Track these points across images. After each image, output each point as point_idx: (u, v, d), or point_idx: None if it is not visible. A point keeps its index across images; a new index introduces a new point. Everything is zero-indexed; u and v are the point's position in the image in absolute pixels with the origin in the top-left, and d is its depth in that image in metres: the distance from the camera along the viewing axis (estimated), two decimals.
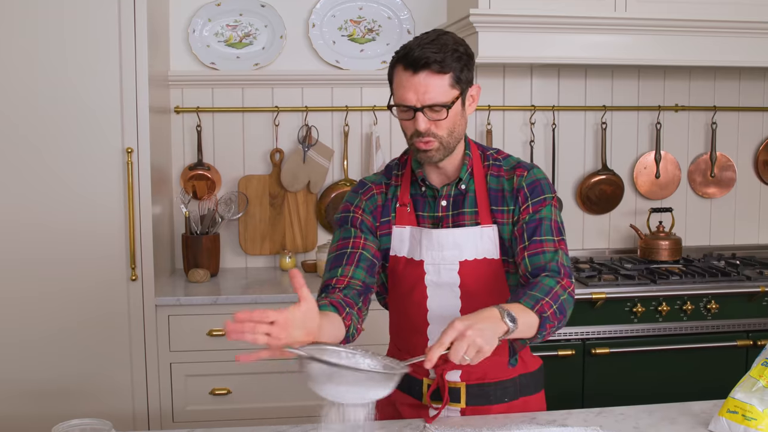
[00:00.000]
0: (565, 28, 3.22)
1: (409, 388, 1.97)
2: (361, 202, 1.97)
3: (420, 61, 1.74)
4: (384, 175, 2.02)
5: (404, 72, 1.77)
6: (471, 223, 1.91)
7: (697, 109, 3.91)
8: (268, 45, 3.61)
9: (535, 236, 1.86)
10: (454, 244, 1.89)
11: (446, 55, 1.77)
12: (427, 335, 1.93)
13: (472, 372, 1.92)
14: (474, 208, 1.92)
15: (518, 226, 1.89)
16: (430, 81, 1.76)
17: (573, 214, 3.87)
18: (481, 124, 3.75)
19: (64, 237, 2.99)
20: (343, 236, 1.94)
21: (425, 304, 1.92)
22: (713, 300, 3.24)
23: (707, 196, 3.97)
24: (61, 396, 3.03)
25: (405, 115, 1.81)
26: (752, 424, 1.71)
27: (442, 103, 1.78)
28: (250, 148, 3.67)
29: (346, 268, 1.87)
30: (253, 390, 3.13)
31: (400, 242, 1.93)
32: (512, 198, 1.91)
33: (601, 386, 3.18)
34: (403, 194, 1.96)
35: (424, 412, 1.96)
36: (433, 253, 1.90)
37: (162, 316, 3.07)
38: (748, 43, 3.33)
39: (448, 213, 1.93)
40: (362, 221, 1.95)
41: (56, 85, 2.95)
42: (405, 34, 3.65)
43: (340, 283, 1.85)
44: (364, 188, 2.00)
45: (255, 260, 3.71)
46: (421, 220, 1.94)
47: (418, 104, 1.77)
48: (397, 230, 1.94)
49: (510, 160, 1.97)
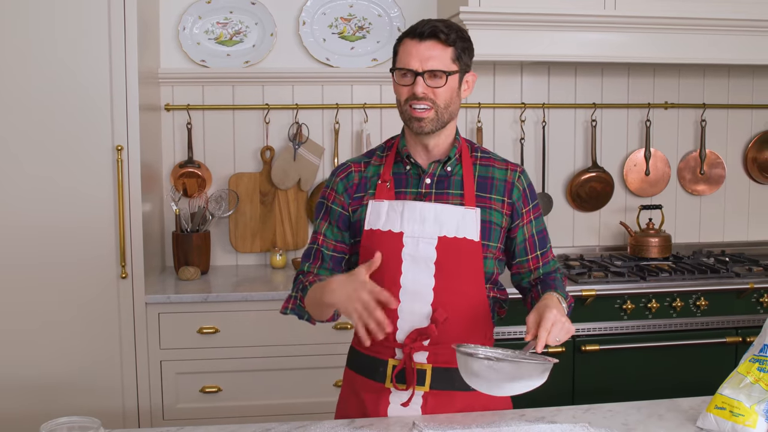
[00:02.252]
0: (555, 25, 3.22)
1: (371, 372, 1.98)
2: (336, 182, 2.05)
3: (427, 29, 1.88)
4: (365, 155, 2.09)
5: (411, 41, 1.90)
6: (455, 203, 1.96)
7: (687, 106, 3.92)
8: (258, 43, 3.60)
9: (545, 247, 2.08)
10: (435, 219, 1.93)
11: (452, 31, 1.90)
12: (397, 313, 1.92)
13: (439, 354, 1.93)
14: (459, 191, 1.97)
15: (528, 235, 2.03)
16: (434, 49, 1.89)
17: (563, 212, 3.88)
18: (471, 121, 3.76)
19: (53, 235, 2.99)
20: (314, 231, 2.08)
21: (399, 280, 1.92)
22: (702, 297, 3.25)
23: (697, 193, 3.98)
24: (51, 393, 3.02)
25: (405, 79, 1.91)
26: (740, 420, 1.72)
27: (443, 69, 1.89)
28: (241, 146, 3.66)
29: (313, 264, 2.05)
30: (244, 388, 3.13)
31: (377, 216, 1.96)
32: (503, 188, 2.00)
33: (591, 383, 3.20)
34: (385, 172, 2.00)
35: (385, 397, 1.95)
36: (414, 226, 1.93)
37: (152, 314, 3.07)
38: (738, 40, 3.35)
39: (431, 191, 1.97)
40: (331, 208, 2.04)
41: (46, 82, 2.94)
42: (395, 32, 3.65)
43: (310, 274, 2.03)
44: (341, 167, 2.07)
45: (245, 258, 3.70)
46: (401, 196, 1.97)
47: (420, 69, 1.88)
48: (375, 204, 1.97)
49: (497, 155, 2.09)
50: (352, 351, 2.10)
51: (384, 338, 1.80)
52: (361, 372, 2.02)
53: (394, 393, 1.95)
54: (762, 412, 1.71)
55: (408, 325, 1.92)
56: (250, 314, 3.10)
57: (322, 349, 3.10)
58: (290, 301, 2.02)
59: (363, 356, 2.01)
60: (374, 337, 1.74)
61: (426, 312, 1.91)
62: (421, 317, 1.91)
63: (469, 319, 1.95)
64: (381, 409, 1.95)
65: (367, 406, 1.98)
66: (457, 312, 1.93)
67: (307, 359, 3.12)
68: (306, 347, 3.12)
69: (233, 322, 3.10)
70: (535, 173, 3.82)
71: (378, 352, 1.96)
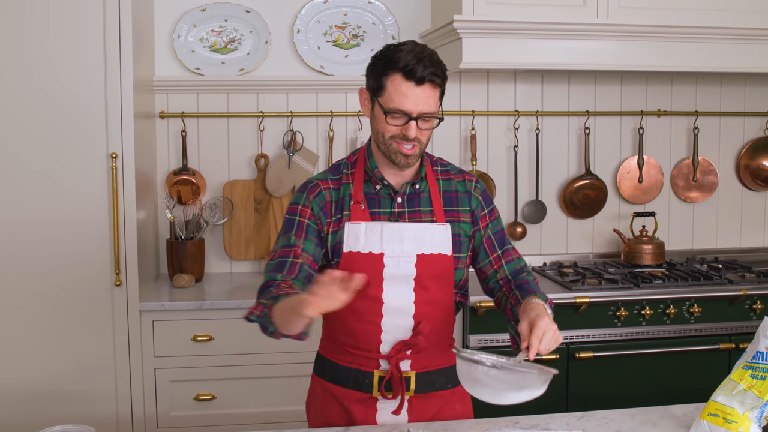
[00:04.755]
0: (549, 34, 3.24)
1: (356, 384, 2.02)
2: (309, 200, 2.01)
3: (427, 75, 1.87)
4: (330, 172, 2.07)
5: (405, 82, 1.88)
6: (427, 221, 2.02)
7: (680, 114, 3.94)
8: (253, 50, 3.61)
9: (504, 246, 2.11)
10: (413, 238, 1.98)
11: (441, 71, 1.91)
12: (381, 327, 1.98)
13: (419, 360, 2.01)
14: (429, 207, 2.03)
15: (485, 237, 2.09)
16: (429, 94, 1.90)
17: (557, 219, 3.89)
18: (465, 129, 3.77)
19: (48, 242, 2.98)
20: (285, 244, 1.98)
21: (381, 297, 1.97)
22: (696, 303, 3.26)
23: (690, 200, 4.00)
24: (45, 401, 3.01)
25: (397, 120, 1.91)
26: (732, 427, 1.72)
27: (434, 112, 1.92)
28: (235, 154, 3.66)
29: (288, 275, 1.93)
30: (238, 395, 3.12)
31: (355, 238, 1.97)
32: (466, 199, 2.08)
33: (585, 390, 3.20)
34: (357, 192, 2.01)
35: (372, 405, 2.01)
36: (394, 246, 1.97)
37: (146, 322, 3.07)
38: (730, 48, 3.37)
39: (404, 210, 2.01)
40: (308, 225, 1.99)
41: (40, 90, 2.94)
42: (389, 40, 3.66)
43: (284, 284, 1.88)
44: (310, 185, 2.03)
45: (240, 265, 3.70)
46: (375, 217, 2.00)
47: (414, 113, 1.89)
48: (352, 226, 1.98)
49: (453, 166, 2.14)
50: (325, 362, 2.10)
51: (368, 351, 1.97)
52: (343, 384, 2.05)
53: (381, 401, 2.01)
54: (755, 418, 1.72)
55: (392, 338, 1.98)
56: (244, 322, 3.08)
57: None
58: (258, 308, 1.88)
59: (344, 368, 2.04)
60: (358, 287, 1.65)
61: (408, 324, 1.98)
62: (404, 330, 1.98)
63: (441, 324, 2.04)
64: (369, 418, 2.01)
65: (354, 416, 2.02)
66: (432, 319, 2.00)
67: (301, 367, 3.11)
68: (300, 355, 3.11)
69: (227, 329, 3.10)
70: (529, 180, 3.84)
71: (361, 364, 2.02)
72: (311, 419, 2.15)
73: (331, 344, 2.10)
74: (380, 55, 1.94)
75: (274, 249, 2.01)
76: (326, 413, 2.07)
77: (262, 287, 1.93)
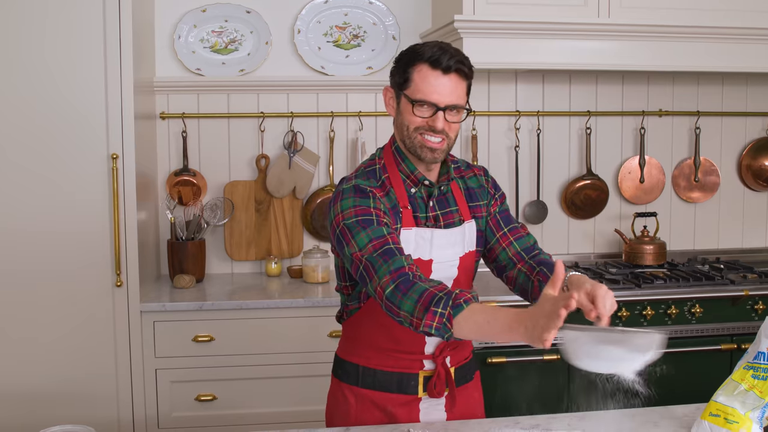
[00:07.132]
0: (550, 34, 3.23)
1: (399, 387, 2.00)
2: (378, 200, 1.90)
3: (453, 64, 1.86)
4: (372, 179, 1.97)
5: (432, 71, 1.86)
6: (458, 220, 2.02)
7: (681, 114, 3.93)
8: (253, 51, 3.61)
9: (511, 224, 2.10)
10: (455, 242, 2.00)
11: (468, 62, 1.91)
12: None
13: (455, 356, 2.06)
14: (455, 206, 2.04)
15: (491, 217, 2.09)
16: (456, 83, 1.88)
17: (558, 219, 3.89)
18: (466, 129, 3.76)
19: (48, 243, 2.98)
20: (375, 236, 1.83)
21: None
22: (697, 304, 3.26)
23: (691, 200, 3.99)
24: (45, 402, 3.01)
25: (423, 111, 1.88)
26: (734, 428, 1.72)
27: (463, 105, 1.90)
28: (236, 154, 3.66)
29: (406, 257, 1.81)
30: (239, 396, 3.12)
31: (406, 243, 1.94)
32: (483, 193, 2.10)
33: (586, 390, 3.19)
34: (402, 197, 1.97)
35: (416, 407, 2.01)
36: (441, 252, 1.98)
37: (147, 322, 3.07)
38: (731, 48, 3.36)
39: (437, 212, 2.01)
40: (387, 222, 1.88)
41: (40, 91, 2.94)
42: (390, 40, 3.66)
43: (413, 269, 1.78)
44: (367, 192, 1.92)
45: (241, 266, 3.70)
46: (419, 221, 1.99)
47: (441, 103, 1.86)
48: (404, 232, 1.96)
49: (462, 160, 2.15)
50: (358, 368, 2.04)
51: (411, 354, 1.98)
52: (385, 389, 2.01)
53: (424, 400, 2.01)
54: (756, 419, 1.71)
55: (435, 338, 1.97)
56: (245, 322, 3.10)
57: (317, 357, 3.09)
58: (435, 319, 1.69)
59: (385, 374, 2.01)
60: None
61: None
62: None
63: None
64: (414, 419, 2.01)
65: (399, 419, 2.00)
66: None
67: (302, 367, 3.12)
68: (301, 355, 3.11)
69: (228, 330, 3.09)
70: (530, 181, 3.83)
71: (406, 367, 2.00)
72: (338, 424, 2.07)
73: (365, 351, 2.04)
74: (404, 53, 1.93)
75: (360, 246, 1.83)
76: (362, 419, 2.02)
77: (409, 283, 1.75)
